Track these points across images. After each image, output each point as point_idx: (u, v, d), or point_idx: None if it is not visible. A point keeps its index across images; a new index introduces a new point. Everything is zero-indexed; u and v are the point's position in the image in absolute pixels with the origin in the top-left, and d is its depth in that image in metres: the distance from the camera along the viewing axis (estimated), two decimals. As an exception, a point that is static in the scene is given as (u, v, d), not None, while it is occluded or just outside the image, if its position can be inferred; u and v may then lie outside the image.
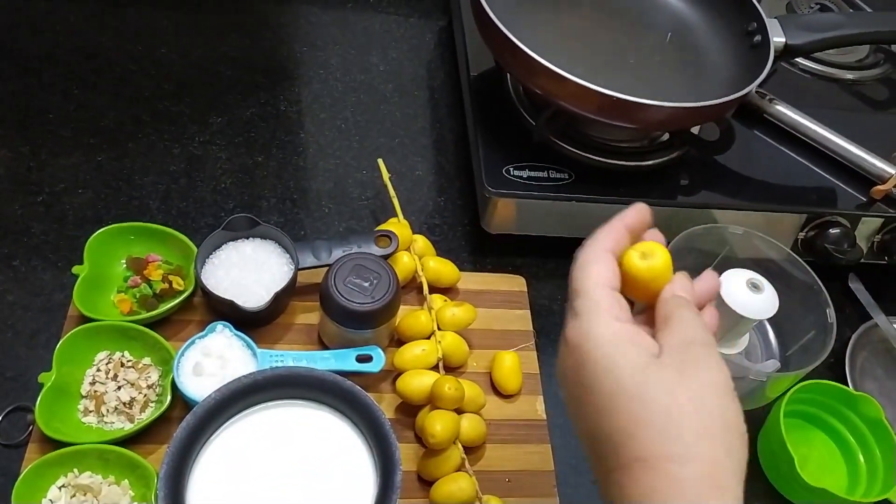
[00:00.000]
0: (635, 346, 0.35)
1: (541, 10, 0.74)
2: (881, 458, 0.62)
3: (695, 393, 0.33)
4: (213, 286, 0.59)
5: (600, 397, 0.35)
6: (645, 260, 0.39)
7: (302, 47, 0.87)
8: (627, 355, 0.35)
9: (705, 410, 0.33)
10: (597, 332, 0.36)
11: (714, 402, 0.34)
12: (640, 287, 0.39)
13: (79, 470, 0.52)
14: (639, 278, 0.39)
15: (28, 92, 0.77)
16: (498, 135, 0.71)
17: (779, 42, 0.71)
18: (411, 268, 0.65)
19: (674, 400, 0.33)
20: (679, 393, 0.33)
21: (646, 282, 0.39)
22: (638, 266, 0.38)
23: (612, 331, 0.36)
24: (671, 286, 0.38)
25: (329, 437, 0.53)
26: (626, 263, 0.39)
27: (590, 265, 0.38)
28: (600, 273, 0.38)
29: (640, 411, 0.33)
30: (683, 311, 0.37)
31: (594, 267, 0.38)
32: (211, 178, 0.73)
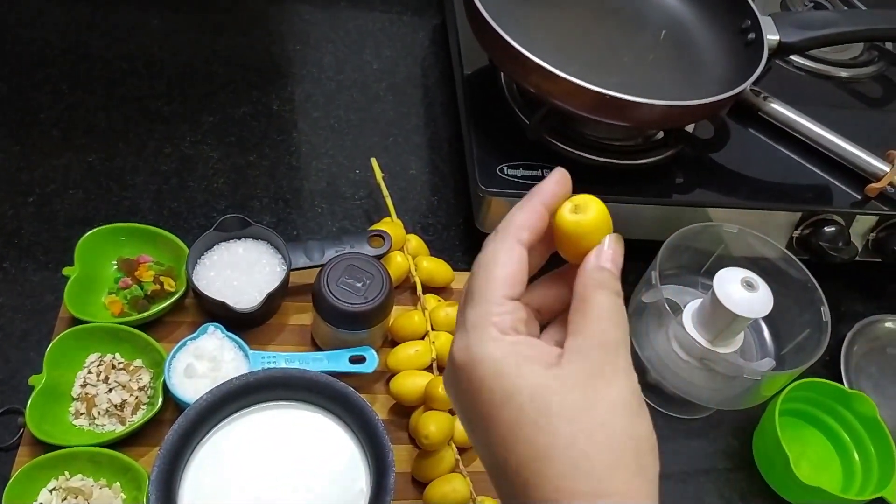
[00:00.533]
0: (531, 363, 0.31)
1: (534, 8, 0.73)
2: (876, 456, 0.62)
3: (603, 417, 0.30)
4: (205, 287, 0.59)
5: (501, 427, 0.31)
6: (575, 214, 0.35)
7: (294, 46, 0.87)
8: (524, 377, 0.31)
9: (616, 437, 0.30)
10: (486, 351, 0.32)
11: (624, 424, 0.31)
12: (569, 245, 0.35)
13: (70, 473, 0.52)
14: (566, 234, 0.35)
15: (18, 92, 0.76)
16: (492, 133, 0.70)
17: (773, 40, 0.70)
18: (405, 268, 0.65)
19: (580, 429, 0.30)
20: (585, 420, 0.30)
21: (574, 239, 0.35)
22: (566, 220, 0.35)
23: (504, 348, 0.32)
24: (597, 252, 0.34)
25: (322, 438, 0.53)
26: (557, 217, 0.35)
27: (490, 264, 0.34)
28: (499, 275, 0.33)
29: (545, 444, 0.30)
30: (599, 296, 0.33)
31: (495, 267, 0.34)
32: (203, 178, 0.73)
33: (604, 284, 0.33)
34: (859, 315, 0.74)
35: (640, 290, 0.62)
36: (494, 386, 0.31)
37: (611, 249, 0.34)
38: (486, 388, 0.31)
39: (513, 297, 0.33)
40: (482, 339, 0.32)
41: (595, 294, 0.33)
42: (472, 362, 0.32)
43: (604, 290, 0.33)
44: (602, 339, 0.32)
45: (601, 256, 0.34)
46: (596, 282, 0.33)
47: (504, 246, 0.34)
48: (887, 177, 0.71)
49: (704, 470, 0.63)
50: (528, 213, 0.35)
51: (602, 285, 0.33)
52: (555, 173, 0.37)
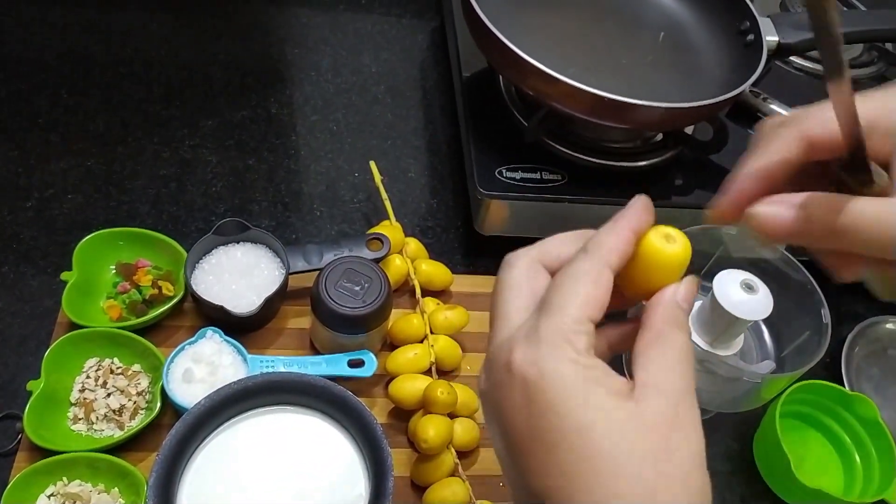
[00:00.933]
0: (607, 392, 0.29)
1: (532, 11, 0.73)
2: (877, 458, 0.62)
3: (686, 468, 0.28)
4: (204, 291, 0.59)
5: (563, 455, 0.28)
6: (669, 243, 0.33)
7: (293, 49, 0.87)
8: (600, 407, 0.28)
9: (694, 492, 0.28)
10: (561, 370, 0.29)
11: (701, 482, 0.28)
12: (651, 275, 0.33)
13: (68, 478, 0.52)
14: (654, 263, 0.33)
15: (17, 96, 0.76)
16: (490, 136, 0.70)
17: (772, 41, 0.70)
18: (404, 271, 0.65)
19: (661, 476, 0.27)
20: (667, 468, 0.28)
21: (660, 269, 0.33)
22: (657, 249, 0.33)
23: (580, 371, 0.29)
24: (676, 287, 0.32)
25: (321, 443, 0.52)
26: (644, 244, 0.33)
27: (578, 279, 0.31)
28: (585, 292, 0.31)
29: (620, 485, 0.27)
30: (680, 336, 0.31)
31: (583, 284, 0.31)
32: (201, 182, 0.73)
33: (682, 324, 0.31)
34: (860, 317, 0.73)
35: (639, 292, 0.61)
36: (563, 410, 0.28)
37: (687, 289, 0.33)
38: (554, 411, 0.28)
39: (595, 321, 0.31)
40: (557, 355, 0.29)
41: (674, 332, 0.31)
42: (541, 380, 0.29)
43: (682, 330, 0.31)
44: (681, 383, 0.30)
45: (679, 293, 0.32)
46: (675, 319, 0.31)
47: (594, 266, 0.31)
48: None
49: (705, 473, 0.63)
50: (619, 238, 0.32)
51: (681, 325, 0.31)
52: (641, 199, 0.34)
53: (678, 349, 0.30)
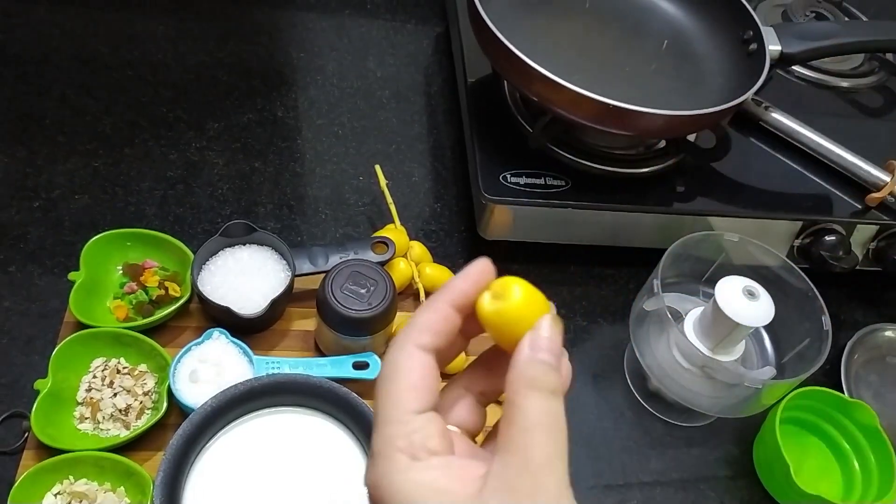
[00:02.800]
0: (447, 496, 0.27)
1: (538, 18, 0.74)
2: (876, 465, 0.62)
3: None
4: (210, 292, 0.59)
5: None
6: (494, 301, 0.30)
7: (299, 53, 0.87)
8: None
9: None
10: (394, 486, 0.27)
11: None
12: (497, 336, 0.31)
13: (74, 477, 0.52)
14: (488, 326, 0.31)
15: (24, 97, 0.77)
16: (495, 141, 0.71)
17: (774, 50, 0.71)
18: (408, 274, 0.65)
19: None
20: None
21: (498, 329, 0.30)
22: (484, 310, 0.31)
23: (414, 480, 0.27)
24: (529, 341, 0.29)
25: (325, 444, 0.53)
26: (477, 308, 0.31)
27: (389, 378, 0.30)
28: (400, 388, 0.29)
29: None
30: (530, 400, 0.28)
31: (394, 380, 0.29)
32: (208, 184, 0.73)
33: (536, 383, 0.28)
34: (859, 324, 0.74)
35: (641, 297, 0.62)
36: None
37: (547, 334, 0.29)
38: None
39: (421, 410, 0.29)
40: (389, 469, 0.28)
41: (525, 397, 0.28)
42: (381, 498, 0.28)
43: (536, 391, 0.28)
44: (529, 457, 0.27)
45: (535, 344, 0.29)
46: (527, 380, 0.28)
47: (402, 355, 0.30)
48: (888, 186, 0.71)
49: (705, 478, 0.63)
50: (429, 314, 0.31)
51: (533, 384, 0.28)
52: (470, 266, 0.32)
53: (528, 415, 0.28)
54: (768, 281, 0.60)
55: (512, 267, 0.72)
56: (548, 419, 0.28)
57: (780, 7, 0.93)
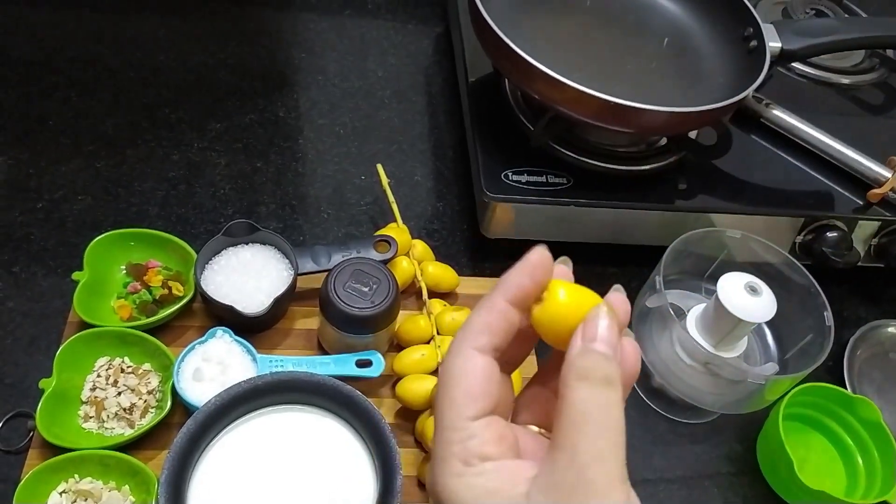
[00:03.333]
0: (497, 499, 0.27)
1: (538, 16, 0.74)
2: (879, 461, 0.62)
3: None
4: (213, 292, 0.60)
5: None
6: (539, 303, 0.30)
7: (300, 54, 0.87)
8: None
9: None
10: (449, 488, 0.28)
11: None
12: (550, 339, 0.31)
13: (79, 476, 0.52)
14: (539, 329, 0.31)
15: (27, 99, 0.77)
16: (496, 140, 0.71)
17: (775, 47, 0.71)
18: (410, 273, 0.65)
19: None
20: None
21: (548, 331, 0.30)
22: (532, 314, 0.30)
23: (467, 484, 0.28)
24: (582, 332, 0.28)
25: (329, 441, 0.53)
26: None
27: (447, 383, 0.30)
28: (456, 394, 0.29)
29: None
30: (581, 392, 0.27)
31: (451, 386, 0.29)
32: (210, 185, 0.73)
33: (587, 373, 0.27)
34: (862, 320, 0.74)
35: (644, 294, 0.62)
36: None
37: (599, 324, 0.28)
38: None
39: (478, 416, 0.29)
40: (444, 472, 0.29)
41: (574, 389, 0.27)
42: (437, 498, 0.29)
43: (586, 381, 0.27)
44: (576, 452, 0.26)
45: (587, 334, 0.28)
46: (578, 372, 0.27)
47: (459, 359, 0.30)
48: (889, 182, 0.72)
49: (708, 474, 0.63)
50: (485, 314, 0.30)
51: (584, 375, 0.27)
52: (523, 260, 0.31)
53: (577, 408, 0.27)
54: (770, 277, 0.60)
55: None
56: (598, 410, 0.27)
57: (780, 4, 0.94)
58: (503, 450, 0.29)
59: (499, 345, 0.30)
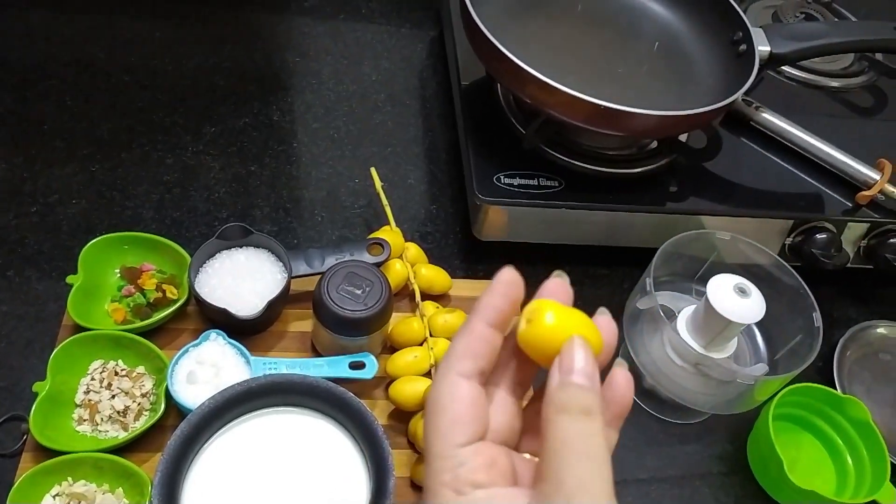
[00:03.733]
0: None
1: (530, 21, 0.75)
2: (869, 460, 0.63)
3: None
4: (207, 295, 0.60)
5: None
6: (527, 325, 0.30)
7: (294, 57, 0.88)
8: None
9: None
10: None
11: None
12: (537, 360, 0.30)
13: (73, 478, 0.53)
14: (526, 349, 0.30)
15: (22, 103, 0.77)
16: (489, 143, 0.71)
17: (764, 51, 0.72)
18: (404, 275, 0.66)
19: None
20: None
21: (535, 353, 0.30)
22: (518, 335, 0.30)
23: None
24: (559, 364, 0.28)
25: (322, 443, 0.53)
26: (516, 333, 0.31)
27: (433, 412, 0.29)
28: (442, 423, 0.29)
29: None
30: (561, 423, 0.27)
31: (438, 414, 0.29)
32: (204, 188, 0.74)
33: (566, 406, 0.27)
34: (851, 321, 0.75)
35: (635, 296, 0.63)
36: None
37: (576, 357, 0.28)
38: None
39: (466, 442, 0.29)
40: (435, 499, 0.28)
41: (553, 422, 0.27)
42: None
43: (565, 414, 0.27)
44: (560, 482, 0.26)
45: (563, 366, 0.28)
46: (556, 405, 0.27)
47: (444, 386, 0.29)
48: (878, 185, 0.72)
49: (699, 474, 0.64)
50: (465, 338, 0.30)
51: (563, 408, 0.27)
52: (494, 282, 0.31)
53: (559, 440, 0.27)
54: (760, 279, 0.60)
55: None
56: (579, 441, 0.27)
57: (770, 8, 0.94)
58: (494, 476, 0.29)
59: (483, 368, 0.30)
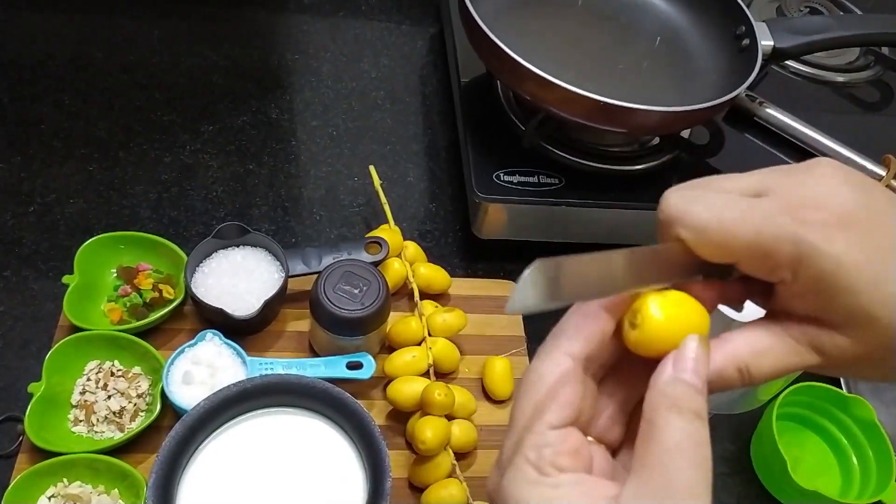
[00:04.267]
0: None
1: (530, 17, 0.74)
2: (874, 460, 0.62)
3: None
4: (203, 294, 0.59)
5: None
6: (632, 329, 0.29)
7: (293, 55, 0.87)
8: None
9: None
10: (519, 495, 0.27)
11: None
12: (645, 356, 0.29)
13: (68, 480, 0.52)
14: (633, 351, 0.29)
15: (19, 103, 0.77)
16: (488, 140, 0.71)
17: (767, 45, 0.71)
18: (402, 274, 0.65)
19: None
20: None
21: (641, 353, 0.29)
22: (627, 337, 0.29)
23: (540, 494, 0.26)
24: (674, 359, 0.27)
25: (319, 444, 0.53)
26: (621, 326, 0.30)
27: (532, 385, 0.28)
28: (540, 399, 0.28)
29: None
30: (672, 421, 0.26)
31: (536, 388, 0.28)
32: (202, 187, 0.73)
33: (678, 404, 0.26)
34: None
35: (636, 295, 0.62)
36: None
37: (694, 354, 0.27)
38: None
39: (559, 424, 0.28)
40: (515, 478, 0.27)
41: (666, 418, 0.26)
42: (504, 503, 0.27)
43: (678, 412, 0.26)
44: (671, 481, 0.25)
45: (678, 364, 0.27)
46: (669, 400, 0.26)
47: (548, 363, 0.29)
48: (883, 181, 0.71)
49: (702, 475, 0.63)
50: (579, 318, 0.29)
51: (676, 406, 0.26)
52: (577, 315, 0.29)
53: (669, 438, 0.26)
54: (763, 276, 0.60)
55: (506, 266, 0.72)
56: (690, 444, 0.26)
57: (774, 2, 0.93)
58: (577, 465, 0.28)
59: (591, 352, 0.29)
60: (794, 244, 0.26)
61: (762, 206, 0.27)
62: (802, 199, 0.26)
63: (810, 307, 0.28)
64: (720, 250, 0.27)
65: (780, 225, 0.26)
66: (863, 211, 0.26)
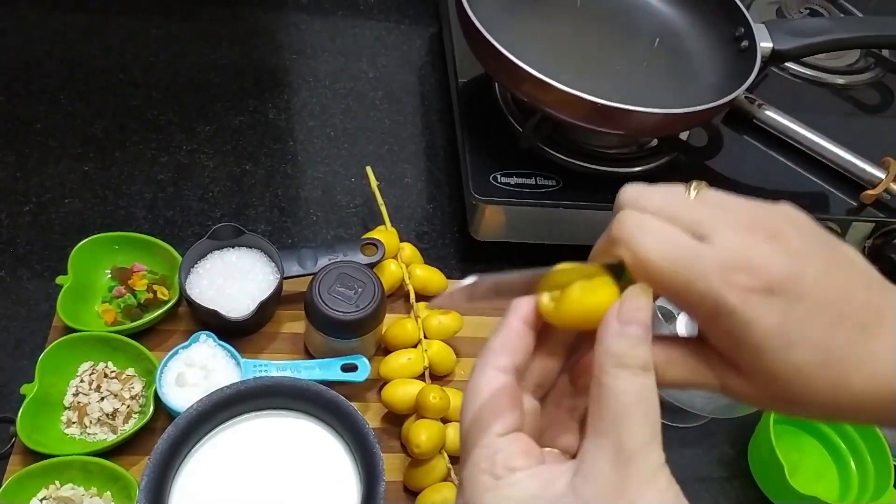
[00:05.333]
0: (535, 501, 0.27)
1: (527, 18, 0.73)
2: (872, 465, 0.61)
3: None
4: (198, 296, 0.59)
5: None
6: (553, 297, 0.29)
7: (291, 55, 0.87)
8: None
9: None
10: (482, 502, 0.27)
11: None
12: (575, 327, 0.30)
13: (60, 482, 0.52)
14: (558, 322, 0.30)
15: (15, 102, 0.76)
16: (486, 142, 0.70)
17: (766, 47, 0.70)
18: (398, 276, 0.65)
19: None
20: None
21: (565, 327, 0.30)
22: (546, 311, 0.30)
23: (502, 495, 0.27)
24: (615, 313, 0.27)
25: (313, 447, 0.53)
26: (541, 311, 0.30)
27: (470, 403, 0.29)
28: (481, 415, 0.29)
29: None
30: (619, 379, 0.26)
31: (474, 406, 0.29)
32: (198, 187, 0.73)
33: (625, 360, 0.26)
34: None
35: (633, 297, 0.61)
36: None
37: (634, 304, 0.27)
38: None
39: (504, 432, 0.29)
40: (475, 492, 0.28)
41: (615, 378, 0.26)
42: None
43: (625, 369, 0.26)
44: (622, 442, 0.26)
45: (623, 316, 0.27)
46: (615, 357, 0.27)
47: (482, 380, 0.30)
48: (883, 183, 0.71)
49: (700, 478, 0.63)
50: (501, 335, 0.30)
51: (622, 361, 0.26)
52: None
53: (616, 397, 0.26)
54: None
55: (504, 268, 0.71)
56: (640, 400, 0.26)
57: (774, 4, 0.93)
58: (531, 462, 0.28)
59: (518, 362, 0.31)
60: (715, 302, 0.27)
61: (702, 259, 0.27)
62: (737, 260, 0.27)
63: (723, 349, 0.29)
64: (652, 282, 0.28)
65: (709, 283, 0.27)
66: (795, 280, 0.27)
